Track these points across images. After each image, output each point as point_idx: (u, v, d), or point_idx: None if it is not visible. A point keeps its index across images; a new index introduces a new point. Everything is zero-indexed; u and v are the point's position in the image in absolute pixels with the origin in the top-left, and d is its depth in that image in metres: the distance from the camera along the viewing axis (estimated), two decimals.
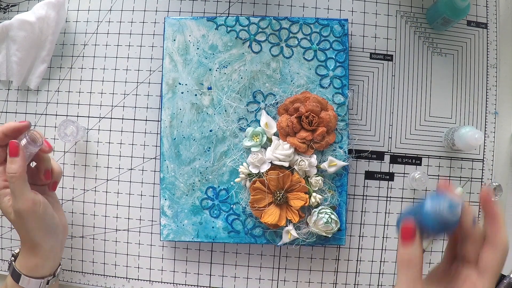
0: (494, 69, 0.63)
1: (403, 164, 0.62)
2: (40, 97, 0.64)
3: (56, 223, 0.51)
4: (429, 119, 0.62)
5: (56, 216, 0.51)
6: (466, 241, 0.38)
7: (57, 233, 0.52)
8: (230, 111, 0.59)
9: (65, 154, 0.63)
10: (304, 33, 0.59)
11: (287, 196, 0.57)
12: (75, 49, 0.64)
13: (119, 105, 0.63)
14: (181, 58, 0.59)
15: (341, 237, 0.58)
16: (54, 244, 0.51)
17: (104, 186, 0.63)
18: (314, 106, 0.55)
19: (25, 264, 0.50)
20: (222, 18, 0.59)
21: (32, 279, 0.50)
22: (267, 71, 0.59)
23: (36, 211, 0.47)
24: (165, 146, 0.59)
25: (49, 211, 0.50)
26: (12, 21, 0.60)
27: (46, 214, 0.49)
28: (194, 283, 0.62)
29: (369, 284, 0.62)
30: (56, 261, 0.53)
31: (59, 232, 0.52)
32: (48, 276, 0.52)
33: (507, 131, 0.64)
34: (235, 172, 0.58)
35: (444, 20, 0.58)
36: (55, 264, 0.53)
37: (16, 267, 0.50)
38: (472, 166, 0.62)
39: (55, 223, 0.51)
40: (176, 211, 0.59)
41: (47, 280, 0.52)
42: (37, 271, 0.51)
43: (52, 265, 0.52)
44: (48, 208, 0.49)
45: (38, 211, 0.47)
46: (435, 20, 0.59)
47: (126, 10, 0.64)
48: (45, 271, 0.51)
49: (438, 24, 0.60)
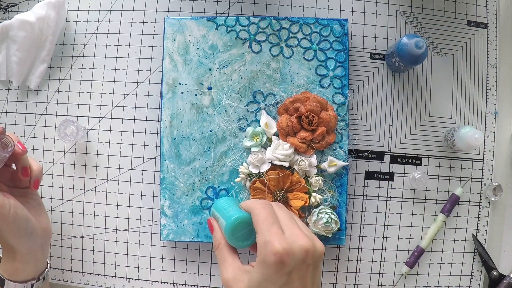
0: (494, 69, 0.63)
1: (403, 164, 0.62)
2: (40, 97, 0.64)
3: (32, 226, 0.49)
4: (429, 119, 0.62)
5: (32, 219, 0.49)
6: None
7: (34, 236, 0.49)
8: (230, 111, 0.59)
9: (65, 154, 0.63)
10: (304, 33, 0.59)
11: (287, 196, 0.57)
12: (75, 49, 0.64)
13: (119, 105, 0.63)
14: (181, 58, 0.59)
15: (341, 237, 0.58)
16: (32, 247, 0.50)
17: (104, 186, 0.63)
18: (314, 106, 0.55)
19: (5, 268, 0.49)
20: (222, 18, 0.59)
21: (16, 283, 0.49)
22: (267, 71, 0.59)
23: (4, 214, 0.45)
24: (165, 146, 0.59)
25: (21, 213, 0.47)
26: (12, 21, 0.60)
27: (16, 217, 0.46)
28: (194, 283, 0.62)
29: (369, 284, 0.62)
30: (38, 265, 0.52)
31: (36, 235, 0.49)
32: (31, 280, 0.51)
33: (507, 131, 0.64)
34: (235, 172, 0.58)
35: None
36: (37, 268, 0.51)
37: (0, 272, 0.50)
38: (472, 166, 0.62)
39: (31, 226, 0.48)
40: (176, 211, 0.59)
41: (31, 284, 0.51)
42: (18, 275, 0.50)
43: (34, 269, 0.51)
44: (20, 211, 0.47)
45: (6, 215, 0.45)
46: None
47: (126, 10, 0.64)
48: (26, 274, 0.50)
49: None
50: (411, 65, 0.56)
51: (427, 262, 0.61)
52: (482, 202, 0.62)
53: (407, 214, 0.61)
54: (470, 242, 0.62)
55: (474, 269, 0.62)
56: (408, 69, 0.60)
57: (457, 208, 0.62)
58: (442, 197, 0.62)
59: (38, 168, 0.52)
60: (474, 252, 0.62)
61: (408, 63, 0.55)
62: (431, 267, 0.62)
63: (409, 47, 0.53)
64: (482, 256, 0.60)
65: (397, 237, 0.61)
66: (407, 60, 0.55)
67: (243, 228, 0.43)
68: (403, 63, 0.56)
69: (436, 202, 0.62)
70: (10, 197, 0.47)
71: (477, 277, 0.62)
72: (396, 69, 0.60)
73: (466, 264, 0.62)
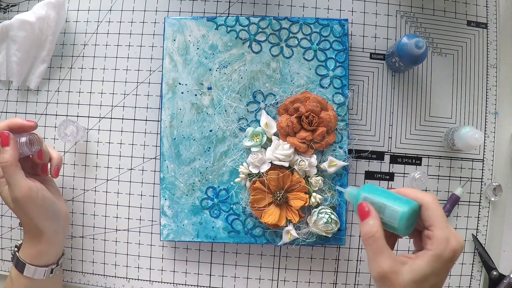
0: (494, 69, 0.63)
1: (403, 164, 0.62)
2: (40, 97, 0.64)
3: (58, 209, 0.52)
4: (429, 119, 0.62)
5: (57, 202, 0.52)
6: None
7: (59, 218, 0.53)
8: (230, 111, 0.59)
9: (65, 154, 0.63)
10: (304, 33, 0.59)
11: (287, 196, 0.57)
12: (75, 49, 0.64)
13: (119, 105, 0.63)
14: (181, 58, 0.59)
15: (341, 237, 0.58)
16: (57, 229, 0.53)
17: (104, 186, 0.63)
18: (314, 106, 0.55)
19: (29, 252, 0.51)
20: (222, 18, 0.59)
21: (37, 267, 0.51)
22: (267, 71, 0.59)
23: (33, 197, 0.48)
24: (165, 146, 0.59)
25: (48, 196, 0.51)
26: (12, 21, 0.60)
27: (44, 199, 0.50)
28: (194, 283, 0.62)
29: (369, 284, 0.62)
30: (59, 248, 0.55)
31: (60, 218, 0.53)
32: (52, 264, 0.53)
33: (507, 131, 0.64)
34: (235, 172, 0.58)
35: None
36: (58, 251, 0.54)
37: (20, 257, 0.51)
38: (472, 166, 0.62)
39: (56, 208, 0.52)
40: (176, 211, 0.59)
41: (51, 269, 0.53)
42: (41, 259, 0.52)
43: (56, 252, 0.54)
44: (47, 193, 0.50)
45: (35, 197, 0.48)
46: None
47: (126, 10, 0.64)
48: (49, 258, 0.53)
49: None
50: (411, 65, 0.56)
51: None
52: (482, 202, 0.62)
53: None
54: (470, 242, 0.62)
55: (474, 269, 0.62)
56: (408, 69, 0.60)
57: (457, 208, 0.62)
58: (442, 197, 0.62)
59: (58, 156, 0.56)
60: (474, 252, 0.62)
61: (408, 63, 0.55)
62: None
63: (409, 47, 0.53)
64: (482, 256, 0.60)
65: None
66: (407, 60, 0.55)
67: (414, 216, 0.41)
68: (403, 63, 0.56)
69: None
70: (36, 182, 0.50)
71: (477, 277, 0.62)
72: (396, 69, 0.60)
73: (466, 264, 0.62)
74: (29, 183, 0.48)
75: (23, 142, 0.49)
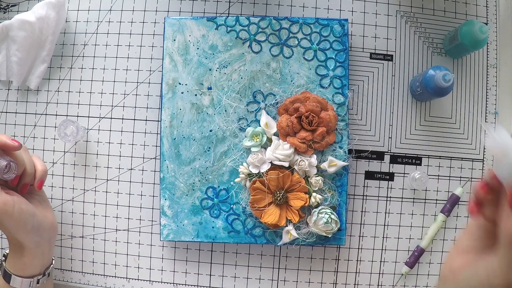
0: (494, 69, 0.63)
1: (403, 164, 0.62)
2: (40, 97, 0.64)
3: (39, 221, 0.50)
4: (429, 119, 0.62)
5: (38, 213, 0.50)
6: None
7: (41, 230, 0.50)
8: (230, 111, 0.59)
9: (65, 154, 0.63)
10: (304, 33, 0.59)
11: (287, 196, 0.57)
12: (75, 49, 0.64)
13: (119, 105, 0.63)
14: (181, 58, 0.59)
15: (341, 237, 0.58)
16: (39, 241, 0.51)
17: (104, 186, 0.63)
18: (314, 106, 0.55)
19: (14, 263, 0.50)
20: (222, 18, 0.59)
21: (23, 278, 0.50)
22: (267, 71, 0.59)
23: (8, 211, 0.46)
24: (165, 146, 0.59)
25: (26, 209, 0.48)
26: (12, 21, 0.60)
27: (21, 213, 0.47)
28: (194, 283, 0.62)
29: (369, 284, 0.62)
30: (45, 260, 0.53)
31: (44, 230, 0.51)
32: (38, 275, 0.52)
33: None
34: (235, 172, 0.58)
35: (462, 48, 0.58)
36: (44, 262, 0.52)
37: (6, 268, 0.50)
38: (472, 166, 0.62)
39: (38, 220, 0.49)
40: (176, 211, 0.59)
41: (37, 279, 0.52)
42: (26, 270, 0.50)
43: (41, 263, 0.52)
44: (25, 206, 0.48)
45: (11, 211, 0.46)
46: (452, 46, 0.59)
47: (126, 10, 0.64)
48: (33, 269, 0.51)
49: (454, 51, 0.60)
50: (436, 96, 0.56)
51: (427, 262, 0.61)
52: None
53: (407, 214, 0.61)
54: None
55: None
56: (430, 100, 0.61)
57: (457, 208, 0.62)
58: (442, 197, 0.62)
59: (43, 169, 0.52)
60: None
61: (433, 95, 0.55)
62: (431, 267, 0.62)
63: (436, 79, 0.53)
64: None
65: (397, 237, 0.61)
66: (432, 91, 0.54)
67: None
68: (428, 95, 0.56)
69: (436, 202, 0.62)
70: (13, 194, 0.48)
71: None
72: (418, 98, 0.60)
73: None
74: (4, 197, 0.45)
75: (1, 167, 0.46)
